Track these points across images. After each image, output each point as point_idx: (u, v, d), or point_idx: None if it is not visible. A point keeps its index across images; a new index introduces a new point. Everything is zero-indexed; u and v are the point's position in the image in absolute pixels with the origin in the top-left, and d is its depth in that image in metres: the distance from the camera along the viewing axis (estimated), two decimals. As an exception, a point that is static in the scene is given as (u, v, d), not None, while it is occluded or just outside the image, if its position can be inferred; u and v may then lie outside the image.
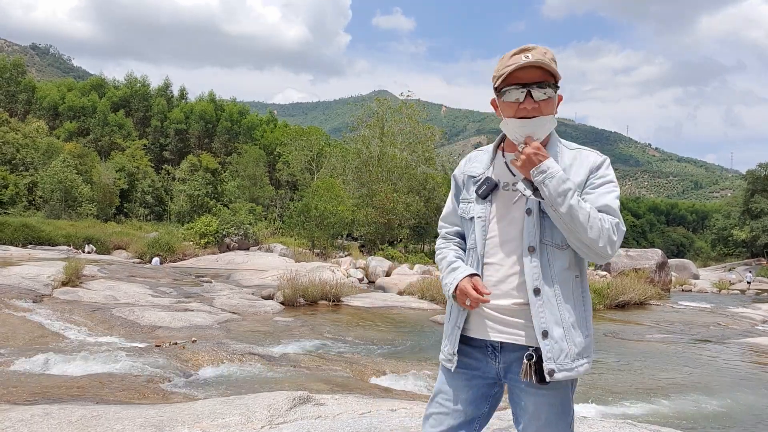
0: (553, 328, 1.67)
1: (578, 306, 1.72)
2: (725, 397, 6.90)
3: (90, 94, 64.89)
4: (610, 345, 10.48)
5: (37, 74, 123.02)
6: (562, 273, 1.70)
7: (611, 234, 1.64)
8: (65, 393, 4.96)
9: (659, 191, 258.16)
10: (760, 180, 63.83)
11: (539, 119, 1.71)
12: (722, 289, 34.88)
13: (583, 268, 1.76)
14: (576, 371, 1.67)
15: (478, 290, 1.70)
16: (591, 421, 3.82)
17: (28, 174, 46.88)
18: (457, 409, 1.80)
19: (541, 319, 1.67)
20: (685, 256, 73.62)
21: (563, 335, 1.67)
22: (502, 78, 1.71)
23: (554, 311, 1.68)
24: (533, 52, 1.69)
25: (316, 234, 32.37)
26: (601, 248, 1.64)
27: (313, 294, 13.45)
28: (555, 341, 1.66)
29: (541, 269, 1.69)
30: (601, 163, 1.76)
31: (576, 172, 1.73)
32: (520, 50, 1.71)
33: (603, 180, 1.73)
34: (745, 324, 15.32)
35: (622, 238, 1.68)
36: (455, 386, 1.81)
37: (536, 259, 1.69)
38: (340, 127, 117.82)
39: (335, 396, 4.42)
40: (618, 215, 1.69)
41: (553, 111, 1.74)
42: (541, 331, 1.67)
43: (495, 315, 1.74)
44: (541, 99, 1.70)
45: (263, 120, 75.83)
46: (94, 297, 11.25)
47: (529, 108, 1.70)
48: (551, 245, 1.70)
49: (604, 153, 1.82)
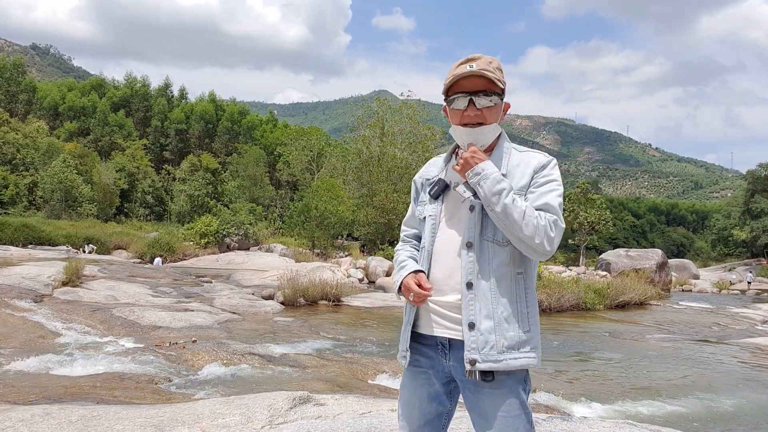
0: (482, 320, 1.70)
1: (516, 302, 1.74)
2: (725, 397, 6.90)
3: (90, 94, 64.96)
4: (610, 345, 10.48)
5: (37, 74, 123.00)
6: (501, 268, 1.73)
7: (548, 230, 1.69)
8: (65, 393, 4.96)
9: (659, 191, 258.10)
10: (761, 180, 63.82)
11: (482, 128, 1.80)
12: (722, 289, 34.90)
13: (528, 266, 1.79)
14: (505, 364, 1.68)
15: (421, 286, 1.76)
16: (591, 421, 3.82)
17: (29, 174, 46.91)
18: (420, 407, 1.84)
19: (470, 311, 1.71)
20: (686, 257, 73.64)
21: (492, 328, 1.70)
22: (449, 87, 1.80)
23: (487, 305, 1.71)
24: (478, 62, 1.77)
25: (316, 234, 32.37)
26: (537, 244, 1.68)
27: (314, 294, 13.45)
28: (480, 333, 1.69)
29: (477, 264, 1.73)
30: (546, 164, 1.82)
31: (522, 172, 1.79)
32: (466, 60, 1.80)
33: (546, 179, 1.78)
34: (745, 324, 15.32)
35: (561, 234, 1.72)
36: (415, 385, 1.85)
37: (473, 255, 1.74)
38: (341, 127, 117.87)
39: (335, 396, 4.42)
40: (557, 213, 1.73)
41: (497, 119, 1.83)
42: (467, 322, 1.71)
43: (440, 310, 1.79)
44: (484, 107, 1.78)
45: (263, 120, 75.90)
46: (95, 297, 11.25)
47: (471, 115, 1.78)
48: (492, 241, 1.74)
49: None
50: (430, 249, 1.83)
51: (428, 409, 1.83)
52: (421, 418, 1.83)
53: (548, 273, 18.55)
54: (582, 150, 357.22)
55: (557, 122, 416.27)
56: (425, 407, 1.83)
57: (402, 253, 1.95)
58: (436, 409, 1.83)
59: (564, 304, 15.34)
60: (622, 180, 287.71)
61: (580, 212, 56.78)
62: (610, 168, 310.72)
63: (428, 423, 1.83)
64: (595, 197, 60.10)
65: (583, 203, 57.63)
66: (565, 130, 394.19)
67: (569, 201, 59.98)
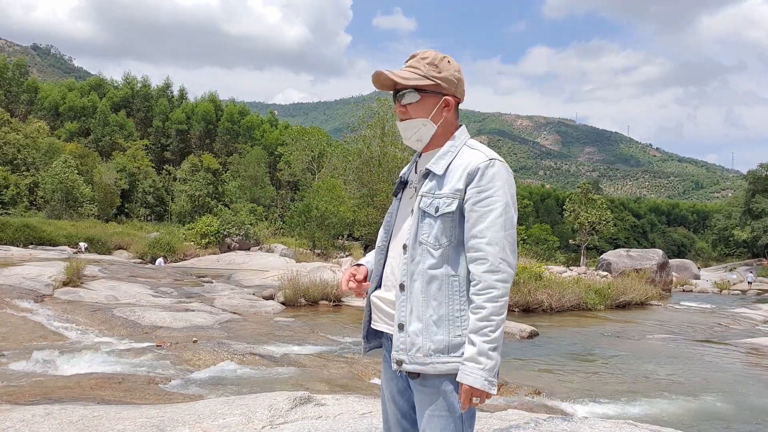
0: (411, 322, 1.70)
1: (447, 305, 1.68)
2: (726, 398, 6.90)
3: (90, 95, 64.96)
4: (611, 345, 10.48)
5: (38, 74, 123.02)
6: (433, 271, 1.70)
7: (494, 299, 1.61)
8: (66, 393, 4.97)
9: (660, 191, 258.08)
10: (761, 180, 63.76)
11: (407, 122, 1.80)
12: (723, 289, 34.89)
13: (462, 271, 1.70)
14: (432, 367, 1.66)
15: (354, 278, 1.84)
16: (591, 421, 3.81)
17: (30, 174, 46.93)
18: (394, 401, 1.85)
19: (401, 312, 1.72)
20: (686, 257, 73.61)
21: (421, 330, 1.68)
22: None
23: (418, 307, 1.70)
24: (411, 60, 1.80)
25: (317, 234, 32.40)
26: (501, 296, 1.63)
27: (314, 294, 13.46)
28: (408, 335, 1.69)
29: (410, 266, 1.72)
30: (483, 169, 1.68)
31: (459, 174, 1.70)
32: (409, 57, 1.82)
33: (481, 195, 1.66)
34: (746, 324, 15.32)
35: (509, 275, 1.63)
36: (386, 378, 1.87)
37: (408, 257, 1.74)
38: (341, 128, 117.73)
39: (336, 396, 4.41)
40: (497, 245, 1.63)
41: (424, 114, 1.78)
42: (397, 323, 1.72)
43: (382, 307, 1.82)
44: (407, 103, 1.78)
45: (264, 120, 75.91)
46: (95, 297, 11.25)
47: (398, 111, 1.82)
48: (426, 244, 1.72)
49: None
50: (384, 246, 1.86)
51: (400, 402, 1.84)
52: (397, 412, 1.84)
53: (549, 273, 18.54)
54: (582, 150, 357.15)
55: (558, 122, 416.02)
56: (398, 401, 1.84)
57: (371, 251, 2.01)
58: (408, 403, 1.83)
59: (565, 304, 15.34)
60: (623, 180, 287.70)
61: (581, 212, 56.79)
62: (611, 168, 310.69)
63: (404, 416, 1.83)
64: (596, 197, 60.12)
65: (584, 203, 57.64)
66: (566, 131, 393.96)
67: (570, 201, 60.06)
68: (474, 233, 1.65)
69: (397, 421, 1.85)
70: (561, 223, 71.41)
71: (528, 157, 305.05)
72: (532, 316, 13.96)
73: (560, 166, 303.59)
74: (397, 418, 1.85)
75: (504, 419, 3.68)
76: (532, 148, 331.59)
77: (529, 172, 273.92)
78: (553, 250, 50.60)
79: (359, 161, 42.41)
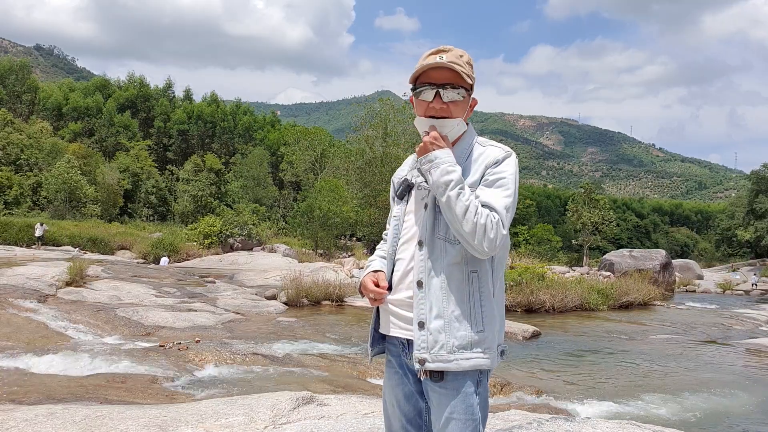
0: (432, 319, 1.67)
1: (469, 301, 1.69)
2: (729, 398, 6.88)
3: (94, 95, 65.09)
4: (613, 345, 10.46)
5: (41, 75, 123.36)
6: (452, 267, 1.69)
7: (488, 230, 1.61)
8: (69, 393, 4.98)
9: (663, 191, 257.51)
10: (765, 180, 63.51)
11: (446, 120, 1.74)
12: (726, 289, 34.78)
13: (482, 265, 1.71)
14: (456, 364, 1.65)
15: (378, 285, 1.77)
16: (594, 421, 3.81)
17: (33, 174, 47.04)
18: (399, 406, 1.83)
19: (421, 310, 1.69)
20: (689, 257, 73.36)
21: (443, 327, 1.66)
22: (417, 77, 1.76)
23: (438, 304, 1.68)
24: (448, 54, 1.73)
25: (319, 234, 32.41)
26: (475, 244, 1.62)
27: (317, 294, 13.45)
28: (430, 332, 1.67)
29: (428, 263, 1.70)
30: (501, 159, 1.74)
31: (476, 168, 1.74)
32: (437, 51, 1.76)
33: (496, 176, 1.71)
34: (749, 325, 15.28)
35: (504, 238, 1.65)
36: (391, 384, 1.85)
37: (424, 253, 1.71)
38: (344, 128, 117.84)
39: (338, 396, 4.42)
40: (501, 213, 1.65)
41: (462, 114, 1.77)
42: (417, 321, 1.69)
43: (395, 310, 1.78)
44: (450, 100, 1.74)
45: (266, 120, 75.94)
46: (98, 297, 11.27)
47: (437, 108, 1.74)
48: (443, 239, 1.71)
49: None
50: (393, 250, 1.82)
51: (406, 408, 1.82)
52: (402, 418, 1.82)
53: (552, 273, 18.53)
54: (585, 150, 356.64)
55: (560, 122, 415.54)
56: (403, 407, 1.82)
57: (375, 254, 1.95)
58: (414, 408, 1.82)
59: (568, 304, 15.32)
60: (626, 180, 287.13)
61: (584, 213, 56.71)
62: (614, 168, 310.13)
63: (410, 422, 1.82)
64: (599, 197, 60.06)
65: (587, 203, 57.55)
66: (569, 131, 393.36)
67: (573, 201, 59.99)
68: (486, 200, 1.67)
69: (402, 427, 1.83)
70: (564, 223, 71.27)
71: (530, 158, 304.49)
72: (535, 316, 13.94)
73: (563, 167, 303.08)
74: (402, 424, 1.83)
75: (506, 419, 3.68)
76: (534, 148, 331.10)
77: (532, 173, 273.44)
78: (555, 251, 50.48)
79: (362, 161, 42.43)
